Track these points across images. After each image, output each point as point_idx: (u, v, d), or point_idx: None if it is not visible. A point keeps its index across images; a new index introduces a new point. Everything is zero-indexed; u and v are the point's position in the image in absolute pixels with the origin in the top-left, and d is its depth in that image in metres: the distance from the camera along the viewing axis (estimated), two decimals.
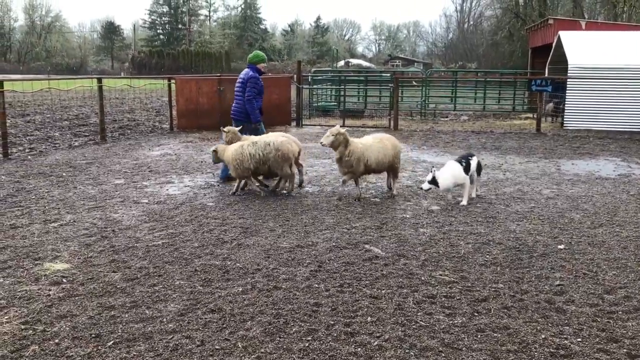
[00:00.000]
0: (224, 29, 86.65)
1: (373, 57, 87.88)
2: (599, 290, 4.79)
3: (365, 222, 6.80)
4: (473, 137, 14.91)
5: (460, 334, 3.99)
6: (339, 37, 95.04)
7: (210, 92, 15.67)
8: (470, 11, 72.14)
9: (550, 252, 5.73)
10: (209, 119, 15.52)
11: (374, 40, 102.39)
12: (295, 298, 4.59)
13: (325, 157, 11.37)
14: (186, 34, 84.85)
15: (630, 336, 3.98)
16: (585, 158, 11.54)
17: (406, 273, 5.15)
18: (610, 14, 40.82)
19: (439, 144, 13.50)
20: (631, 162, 11.10)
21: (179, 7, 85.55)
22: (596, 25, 22.91)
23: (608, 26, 23.27)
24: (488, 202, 7.80)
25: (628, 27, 23.45)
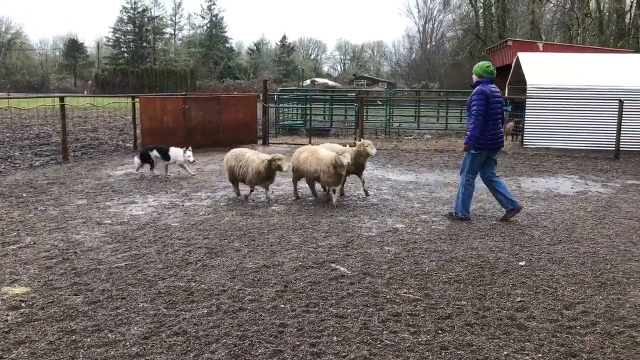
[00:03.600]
0: (189, 47, 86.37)
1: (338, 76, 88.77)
2: (559, 306, 4.91)
3: (332, 240, 6.84)
4: (436, 155, 15.16)
5: (425, 352, 4.04)
6: (304, 57, 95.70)
7: (175, 111, 15.57)
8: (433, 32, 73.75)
9: (511, 269, 5.85)
10: (174, 138, 15.35)
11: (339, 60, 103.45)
12: (261, 319, 4.58)
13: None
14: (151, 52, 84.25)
15: (588, 351, 4.09)
16: (544, 176, 11.86)
17: (371, 291, 5.19)
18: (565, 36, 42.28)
19: (403, 163, 13.68)
20: (588, 179, 11.46)
21: (144, 26, 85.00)
22: (553, 47, 23.70)
23: (564, 48, 24.10)
24: (451, 220, 7.93)
25: (583, 49, 24.34)
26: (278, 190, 10.00)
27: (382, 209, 8.55)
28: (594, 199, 9.54)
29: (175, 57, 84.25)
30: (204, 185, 10.29)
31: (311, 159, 8.70)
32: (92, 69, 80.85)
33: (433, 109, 28.92)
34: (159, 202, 8.88)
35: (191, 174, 11.34)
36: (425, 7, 75.53)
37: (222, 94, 26.03)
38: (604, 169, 12.93)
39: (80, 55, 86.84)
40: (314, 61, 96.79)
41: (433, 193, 9.88)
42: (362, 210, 8.49)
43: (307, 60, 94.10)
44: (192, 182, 10.63)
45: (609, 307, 4.88)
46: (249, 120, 17.12)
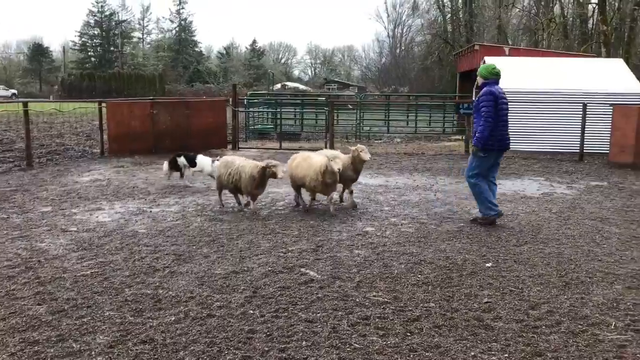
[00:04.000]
0: (158, 51, 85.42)
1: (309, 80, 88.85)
2: (525, 306, 4.99)
3: (302, 245, 6.83)
4: (406, 159, 15.29)
5: (394, 355, 4.06)
6: (275, 61, 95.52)
7: (142, 116, 15.39)
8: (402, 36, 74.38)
9: (478, 270, 5.93)
10: (141, 143, 15.23)
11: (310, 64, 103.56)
12: (230, 325, 4.54)
13: None
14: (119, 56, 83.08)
15: (553, 349, 4.16)
16: (511, 178, 12.05)
17: (341, 295, 5.20)
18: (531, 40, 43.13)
19: (372, 166, 13.73)
20: (553, 181, 11.69)
21: (111, 29, 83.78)
22: (518, 51, 24.14)
23: (530, 52, 24.57)
24: (420, 222, 8.00)
25: (548, 53, 24.84)
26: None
27: (352, 213, 8.58)
28: (559, 200, 9.73)
29: (144, 62, 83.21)
30: (172, 191, 10.18)
31: (302, 165, 8.43)
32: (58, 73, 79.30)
33: (403, 113, 29.18)
34: (126, 209, 8.75)
35: (186, 184, 10.82)
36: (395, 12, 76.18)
37: (191, 98, 25.85)
38: (569, 170, 13.21)
39: (45, 59, 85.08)
40: (284, 65, 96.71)
41: (402, 196, 9.95)
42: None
43: (278, 64, 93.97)
44: (159, 187, 10.50)
45: (573, 307, 4.97)
46: (219, 124, 17.01)
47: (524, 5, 46.39)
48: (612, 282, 5.58)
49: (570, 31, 40.65)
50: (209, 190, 10.24)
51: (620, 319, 4.72)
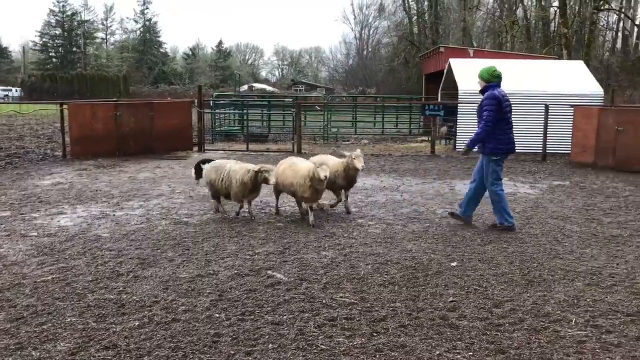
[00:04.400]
0: (122, 52, 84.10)
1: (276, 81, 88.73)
2: (488, 305, 5.06)
3: (269, 247, 6.79)
4: (373, 160, 15.37)
5: (360, 355, 4.07)
6: (241, 62, 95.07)
7: (106, 118, 15.11)
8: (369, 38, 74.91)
9: (444, 270, 5.99)
10: (105, 146, 14.96)
11: (277, 65, 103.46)
12: (195, 329, 4.48)
13: None
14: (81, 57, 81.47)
15: (516, 347, 4.23)
16: None
17: (308, 297, 5.19)
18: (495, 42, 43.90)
19: None
20: (517, 181, 11.90)
21: (73, 30, 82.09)
22: (483, 53, 24.53)
23: (493, 54, 24.99)
24: (387, 223, 8.05)
25: (511, 55, 25.31)
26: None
27: (320, 214, 8.57)
28: (522, 199, 9.91)
29: (108, 62, 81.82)
30: (137, 194, 10.02)
31: (288, 171, 7.99)
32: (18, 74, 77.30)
33: (370, 114, 29.36)
34: (89, 213, 8.57)
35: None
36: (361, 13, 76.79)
37: (155, 99, 25.49)
38: (532, 170, 13.47)
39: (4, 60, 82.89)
40: (251, 66, 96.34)
41: (369, 197, 10.00)
42: (300, 215, 8.48)
43: (245, 65, 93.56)
44: (123, 190, 10.32)
45: (536, 304, 5.07)
46: (184, 126, 16.82)
47: (488, 8, 47.20)
48: (573, 280, 5.71)
49: (533, 34, 41.54)
50: (174, 193, 10.12)
51: (580, 315, 4.83)
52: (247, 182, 7.85)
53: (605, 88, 20.19)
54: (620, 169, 13.28)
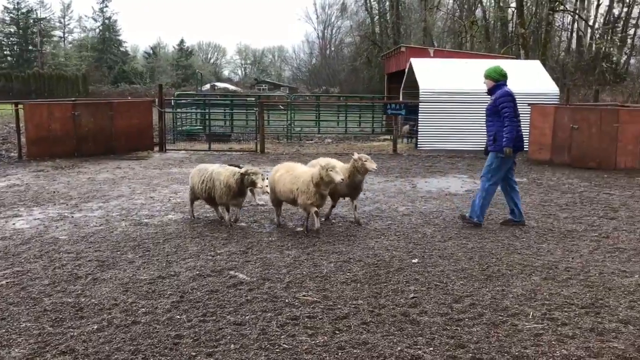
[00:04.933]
0: (80, 51, 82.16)
1: (239, 80, 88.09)
2: (449, 300, 5.14)
3: (231, 247, 6.75)
4: (336, 159, 15.38)
5: (322, 354, 4.08)
6: (204, 61, 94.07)
7: (63, 118, 14.76)
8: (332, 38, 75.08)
9: (405, 267, 6.06)
10: (63, 146, 14.61)
11: (240, 64, 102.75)
12: (156, 332, 4.42)
13: None
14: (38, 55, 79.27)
15: (475, 341, 4.31)
16: (437, 176, 12.41)
17: (270, 297, 5.18)
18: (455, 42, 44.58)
19: None
20: (476, 178, 12.10)
21: (29, 27, 79.78)
22: (443, 53, 24.86)
23: (453, 54, 25.35)
24: (349, 221, 8.09)
25: (471, 55, 25.72)
26: (175, 198, 9.72)
27: (283, 213, 8.55)
28: None
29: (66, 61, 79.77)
30: (96, 195, 9.81)
31: (286, 177, 7.44)
32: None
33: (333, 113, 29.44)
34: (46, 215, 8.36)
35: (257, 203, 9.23)
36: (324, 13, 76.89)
37: (115, 99, 25.02)
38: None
39: None
40: (213, 65, 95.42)
41: None
42: (263, 215, 8.46)
43: (207, 64, 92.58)
44: (82, 192, 10.10)
45: (494, 299, 5.17)
46: (144, 126, 16.56)
47: (448, 9, 47.87)
48: (530, 274, 5.85)
49: (492, 34, 42.35)
50: (135, 194, 9.96)
51: (537, 308, 4.95)
52: (232, 185, 7.42)
53: (560, 87, 20.75)
54: (576, 166, 13.66)
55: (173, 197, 9.73)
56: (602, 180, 11.87)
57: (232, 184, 7.43)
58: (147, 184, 10.86)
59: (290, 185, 7.33)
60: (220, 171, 7.64)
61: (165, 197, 9.71)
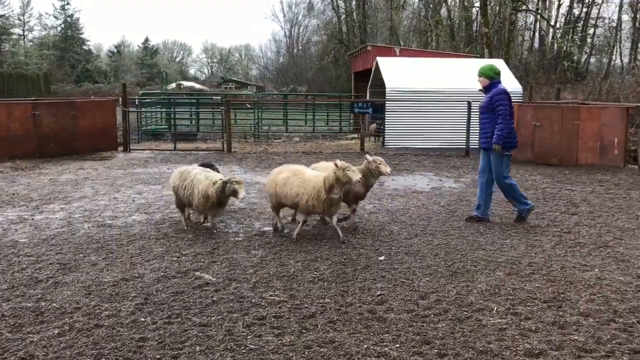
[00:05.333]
0: (41, 49, 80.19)
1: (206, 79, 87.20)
2: (415, 297, 5.18)
3: (197, 248, 6.68)
4: (304, 157, 15.41)
5: (289, 353, 4.07)
6: (169, 59, 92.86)
7: (23, 118, 14.37)
8: (299, 36, 74.99)
9: (372, 264, 6.09)
10: (23, 147, 14.23)
11: (207, 63, 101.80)
12: (119, 335, 4.34)
13: (155, 183, 10.98)
14: None
15: (441, 337, 4.35)
16: (403, 174, 12.50)
17: (237, 297, 5.14)
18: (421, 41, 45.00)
19: (271, 165, 13.71)
20: (442, 176, 12.26)
21: None
22: (408, 51, 25.08)
23: (418, 53, 25.60)
24: (316, 220, 8.08)
25: (437, 54, 26.02)
26: (140, 199, 9.56)
27: (250, 213, 8.52)
28: (447, 193, 10.22)
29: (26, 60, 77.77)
30: (57, 197, 9.59)
31: (293, 180, 7.02)
32: None
33: (301, 112, 29.41)
34: (5, 217, 8.13)
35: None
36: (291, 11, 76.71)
37: (77, 98, 24.50)
38: (456, 165, 13.91)
39: None
40: (179, 64, 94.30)
41: None
42: (230, 215, 8.38)
43: (173, 63, 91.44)
44: (43, 193, 9.86)
45: (459, 294, 5.23)
46: (108, 125, 16.24)
47: (414, 8, 48.30)
48: (494, 270, 5.94)
49: (457, 33, 42.87)
50: (98, 195, 9.76)
51: (501, 303, 5.02)
52: (212, 195, 7.04)
53: (524, 85, 21.12)
54: (539, 163, 13.94)
55: (137, 197, 9.58)
56: (564, 177, 12.14)
57: (211, 194, 7.04)
58: (111, 185, 10.67)
59: (298, 188, 6.91)
60: (200, 179, 7.21)
61: (130, 197, 9.55)
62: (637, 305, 5.00)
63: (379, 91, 19.81)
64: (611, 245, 6.90)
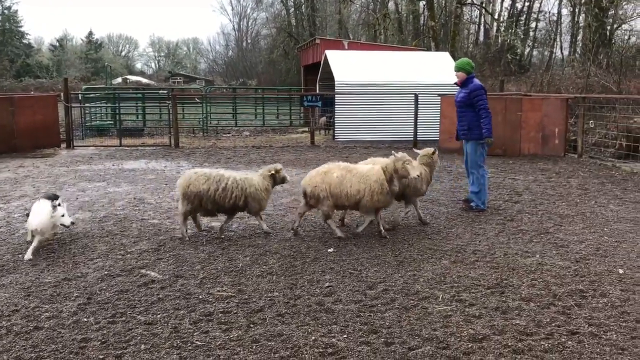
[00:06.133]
0: None
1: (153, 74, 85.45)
2: (363, 287, 5.22)
3: (142, 245, 6.54)
4: (253, 152, 15.31)
5: (236, 348, 4.04)
6: (114, 53, 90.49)
7: None
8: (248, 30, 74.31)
9: (321, 257, 6.10)
10: None
11: (154, 57, 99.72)
12: (60, 336, 4.21)
13: (100, 180, 10.69)
14: None
15: (388, 326, 4.40)
16: None
17: (184, 294, 5.06)
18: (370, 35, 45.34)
19: (220, 160, 13.59)
20: None
21: None
22: (357, 45, 25.22)
23: (368, 46, 25.78)
24: (266, 214, 8.04)
25: (385, 47, 26.26)
26: (83, 196, 9.29)
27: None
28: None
29: None
30: None
31: (349, 177, 6.62)
32: None
33: (251, 106, 29.20)
34: None
35: None
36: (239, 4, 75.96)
37: (16, 93, 23.54)
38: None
39: None
40: (125, 58, 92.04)
41: None
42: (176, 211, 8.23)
43: (118, 57, 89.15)
44: None
45: (406, 283, 5.31)
46: (50, 122, 15.69)
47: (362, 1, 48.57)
48: (440, 258, 6.05)
49: (405, 26, 43.39)
50: (39, 193, 9.41)
51: (446, 291, 5.13)
52: (269, 189, 6.95)
53: None
54: None
55: (81, 195, 9.30)
56: (508, 166, 12.49)
57: (269, 187, 6.93)
58: (53, 183, 10.32)
59: (358, 185, 6.56)
60: (248, 177, 6.86)
61: (73, 195, 9.26)
62: (575, 288, 5.19)
63: (329, 84, 19.86)
64: (551, 231, 7.14)
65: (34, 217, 6.10)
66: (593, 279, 5.45)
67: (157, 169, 12.20)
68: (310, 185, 6.71)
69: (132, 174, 11.38)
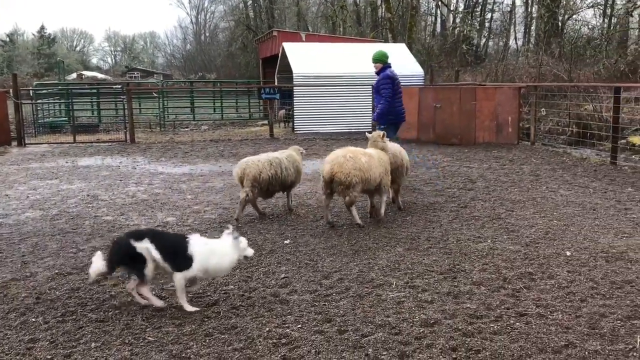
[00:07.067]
0: None
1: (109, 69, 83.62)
2: (318, 277, 5.25)
3: (95, 243, 6.41)
4: (212, 145, 15.17)
5: (189, 342, 4.01)
6: (69, 49, 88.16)
7: None
8: (206, 23, 73.35)
9: (277, 248, 6.11)
10: None
11: (110, 52, 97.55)
12: (7, 338, 4.10)
13: (52, 177, 10.43)
14: None
15: (342, 314, 4.44)
16: (312, 158, 12.61)
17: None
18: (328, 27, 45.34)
19: (177, 155, 13.42)
20: None
21: None
22: (315, 37, 25.21)
23: (326, 38, 25.80)
24: (223, 208, 8.00)
25: (343, 39, 26.32)
26: (34, 194, 9.05)
27: (153, 204, 8.29)
28: None
29: None
30: None
31: (371, 161, 6.82)
32: None
33: (209, 99, 28.88)
34: None
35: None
36: None
37: None
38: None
39: None
40: (80, 53, 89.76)
41: (207, 183, 9.86)
42: (131, 207, 8.12)
43: (73, 52, 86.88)
44: None
45: (361, 272, 5.36)
46: None
47: None
48: (395, 246, 6.13)
49: (363, 18, 43.54)
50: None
51: (400, 278, 5.19)
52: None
53: (426, 69, 21.77)
54: (440, 143, 14.48)
55: (32, 193, 9.06)
56: (463, 155, 12.71)
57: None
58: (2, 182, 10.02)
59: (377, 168, 6.85)
60: (291, 154, 7.73)
61: (23, 194, 9.02)
62: (524, 271, 5.33)
63: (287, 77, 19.81)
64: (503, 217, 7.31)
65: None
66: (542, 261, 5.60)
67: (112, 165, 11.98)
68: (343, 173, 6.56)
69: (86, 171, 11.14)
